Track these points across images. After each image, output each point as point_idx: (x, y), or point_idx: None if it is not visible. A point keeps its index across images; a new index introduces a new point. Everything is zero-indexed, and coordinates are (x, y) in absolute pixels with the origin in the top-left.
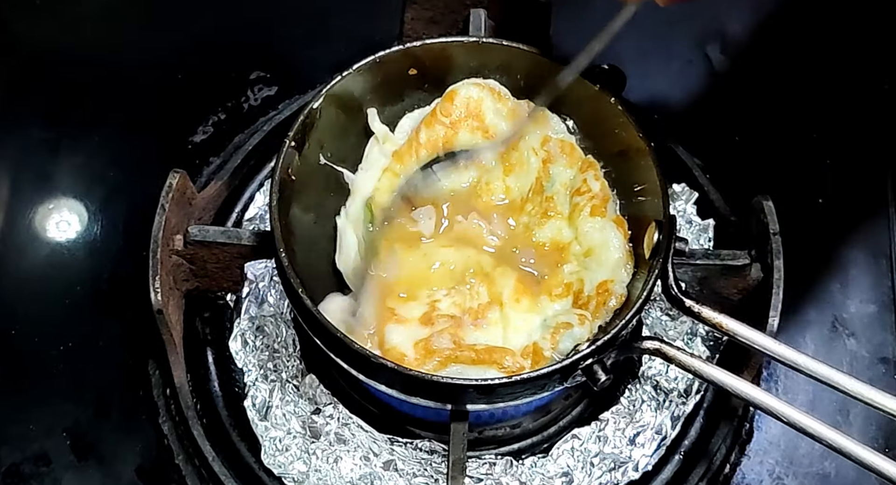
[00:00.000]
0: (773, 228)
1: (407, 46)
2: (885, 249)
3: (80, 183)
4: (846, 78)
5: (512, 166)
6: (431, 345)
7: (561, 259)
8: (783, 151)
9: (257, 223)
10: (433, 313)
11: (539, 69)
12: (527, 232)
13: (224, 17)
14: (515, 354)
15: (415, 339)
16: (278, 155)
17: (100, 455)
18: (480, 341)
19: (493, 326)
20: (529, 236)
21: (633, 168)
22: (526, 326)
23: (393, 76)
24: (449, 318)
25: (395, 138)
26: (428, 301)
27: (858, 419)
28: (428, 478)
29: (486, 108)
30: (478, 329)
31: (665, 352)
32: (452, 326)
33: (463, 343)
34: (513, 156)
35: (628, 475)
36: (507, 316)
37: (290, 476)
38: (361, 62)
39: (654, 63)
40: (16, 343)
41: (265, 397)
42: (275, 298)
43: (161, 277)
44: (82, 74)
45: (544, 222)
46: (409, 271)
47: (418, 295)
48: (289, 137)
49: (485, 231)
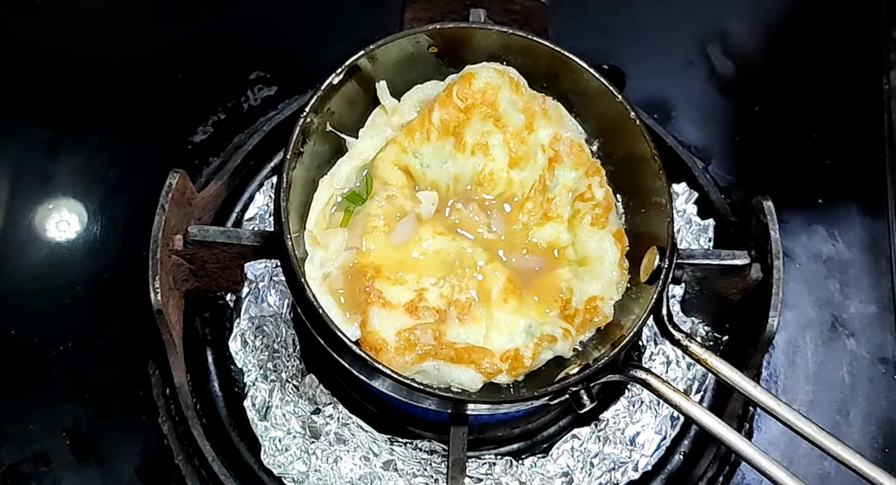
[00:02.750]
0: (773, 228)
1: (436, 27)
2: (885, 249)
3: (80, 183)
4: (846, 78)
5: (518, 159)
6: (413, 338)
7: (555, 263)
8: (783, 151)
9: (257, 223)
10: (419, 303)
11: (555, 65)
12: (524, 231)
13: (224, 16)
14: (494, 357)
15: (398, 327)
16: (293, 130)
17: (100, 455)
18: (462, 339)
19: (476, 323)
20: (526, 236)
21: (640, 181)
22: (509, 327)
23: (412, 54)
24: (434, 312)
25: (403, 111)
26: (416, 288)
27: (858, 419)
28: (428, 478)
29: (502, 98)
30: (462, 324)
31: (650, 383)
32: (437, 321)
33: (444, 340)
34: (520, 149)
35: (628, 475)
36: (492, 314)
37: (289, 476)
38: (387, 38)
39: (654, 63)
40: (16, 343)
41: (265, 397)
42: (275, 298)
43: (161, 277)
44: (82, 74)
45: (543, 223)
46: (400, 253)
47: (407, 279)
48: (306, 111)
49: (481, 224)
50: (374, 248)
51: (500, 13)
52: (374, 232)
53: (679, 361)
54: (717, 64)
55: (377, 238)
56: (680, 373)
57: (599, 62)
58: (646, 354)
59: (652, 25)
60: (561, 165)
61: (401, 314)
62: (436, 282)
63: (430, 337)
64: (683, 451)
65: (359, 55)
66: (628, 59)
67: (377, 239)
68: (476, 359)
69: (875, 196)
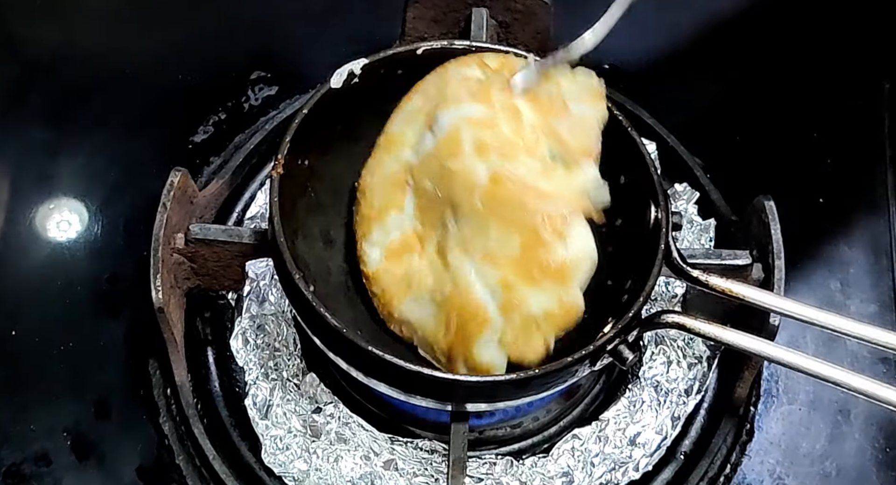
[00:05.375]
0: (775, 228)
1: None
2: (885, 249)
3: (81, 183)
4: (846, 77)
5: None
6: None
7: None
8: (784, 151)
9: (258, 222)
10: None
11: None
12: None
13: (224, 16)
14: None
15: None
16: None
17: (100, 455)
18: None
19: None
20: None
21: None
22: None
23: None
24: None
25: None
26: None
27: (859, 420)
28: (428, 477)
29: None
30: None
31: (684, 323)
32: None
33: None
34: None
35: (629, 476)
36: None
37: (290, 475)
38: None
39: (654, 63)
40: (16, 343)
41: (266, 396)
42: (276, 297)
43: (162, 276)
44: (82, 74)
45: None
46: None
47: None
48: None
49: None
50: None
51: (501, 12)
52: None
53: (680, 362)
54: (717, 64)
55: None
56: (681, 373)
57: (599, 62)
58: (646, 354)
59: (652, 25)
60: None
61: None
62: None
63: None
64: (684, 451)
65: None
66: (628, 58)
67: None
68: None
69: (875, 196)
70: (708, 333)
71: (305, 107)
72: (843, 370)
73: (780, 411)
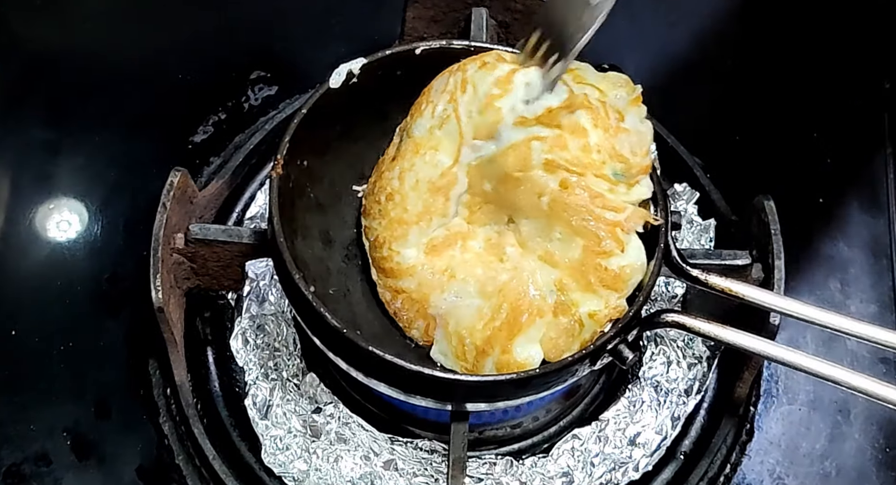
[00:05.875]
0: (774, 228)
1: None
2: (885, 249)
3: (81, 183)
4: (846, 78)
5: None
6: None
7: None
8: (783, 151)
9: (258, 222)
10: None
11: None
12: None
13: (224, 16)
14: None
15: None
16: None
17: (100, 455)
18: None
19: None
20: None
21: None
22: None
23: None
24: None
25: None
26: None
27: (859, 420)
28: (428, 478)
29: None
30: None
31: (684, 323)
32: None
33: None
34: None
35: (628, 476)
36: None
37: (290, 475)
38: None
39: (654, 63)
40: (16, 343)
41: (266, 396)
42: (276, 297)
43: (162, 275)
44: (82, 74)
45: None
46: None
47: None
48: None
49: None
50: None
51: (501, 12)
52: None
53: (679, 362)
54: (717, 64)
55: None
56: (681, 373)
57: (599, 62)
58: (646, 354)
59: (652, 25)
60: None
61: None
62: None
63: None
64: (684, 451)
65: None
66: (628, 58)
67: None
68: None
69: (875, 196)
70: (708, 332)
71: (304, 107)
72: (843, 369)
73: (780, 410)
